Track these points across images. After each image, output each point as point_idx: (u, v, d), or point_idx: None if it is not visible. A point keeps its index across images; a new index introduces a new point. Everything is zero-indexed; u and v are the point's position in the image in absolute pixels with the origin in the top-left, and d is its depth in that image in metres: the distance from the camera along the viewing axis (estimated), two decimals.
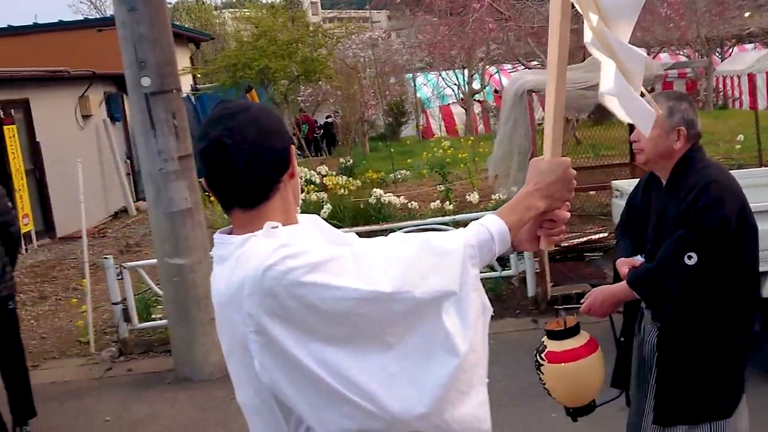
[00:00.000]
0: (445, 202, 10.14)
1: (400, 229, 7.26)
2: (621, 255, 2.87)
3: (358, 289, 1.42)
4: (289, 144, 1.58)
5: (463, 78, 22.39)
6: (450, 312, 1.49)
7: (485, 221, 1.63)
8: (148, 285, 6.70)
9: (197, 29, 27.78)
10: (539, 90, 6.71)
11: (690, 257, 2.50)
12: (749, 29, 22.10)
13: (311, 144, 21.84)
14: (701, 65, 18.00)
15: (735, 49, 25.47)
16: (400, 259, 1.49)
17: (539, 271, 6.51)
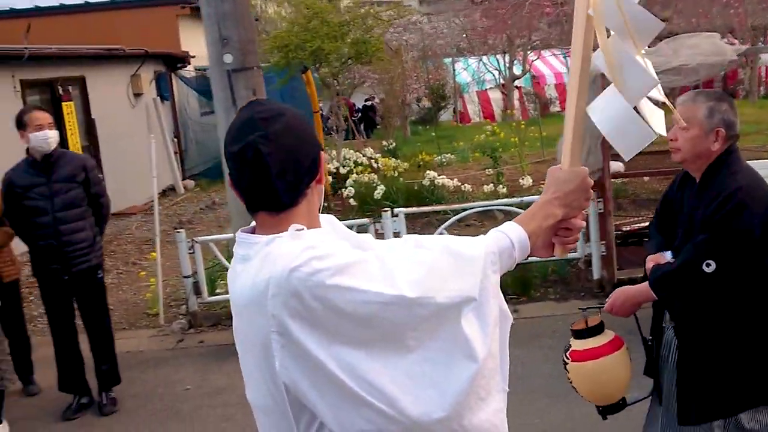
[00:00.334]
0: (498, 185, 10.20)
1: (463, 210, 7.33)
2: (651, 251, 2.86)
3: (382, 293, 1.42)
4: (319, 150, 1.58)
5: (504, 64, 22.28)
6: (469, 317, 1.51)
7: (505, 228, 1.65)
8: (218, 259, 6.83)
9: None
10: None
11: (708, 264, 2.50)
12: None
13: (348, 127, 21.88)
14: None
15: None
16: (422, 264, 1.50)
17: (605, 255, 6.54)
